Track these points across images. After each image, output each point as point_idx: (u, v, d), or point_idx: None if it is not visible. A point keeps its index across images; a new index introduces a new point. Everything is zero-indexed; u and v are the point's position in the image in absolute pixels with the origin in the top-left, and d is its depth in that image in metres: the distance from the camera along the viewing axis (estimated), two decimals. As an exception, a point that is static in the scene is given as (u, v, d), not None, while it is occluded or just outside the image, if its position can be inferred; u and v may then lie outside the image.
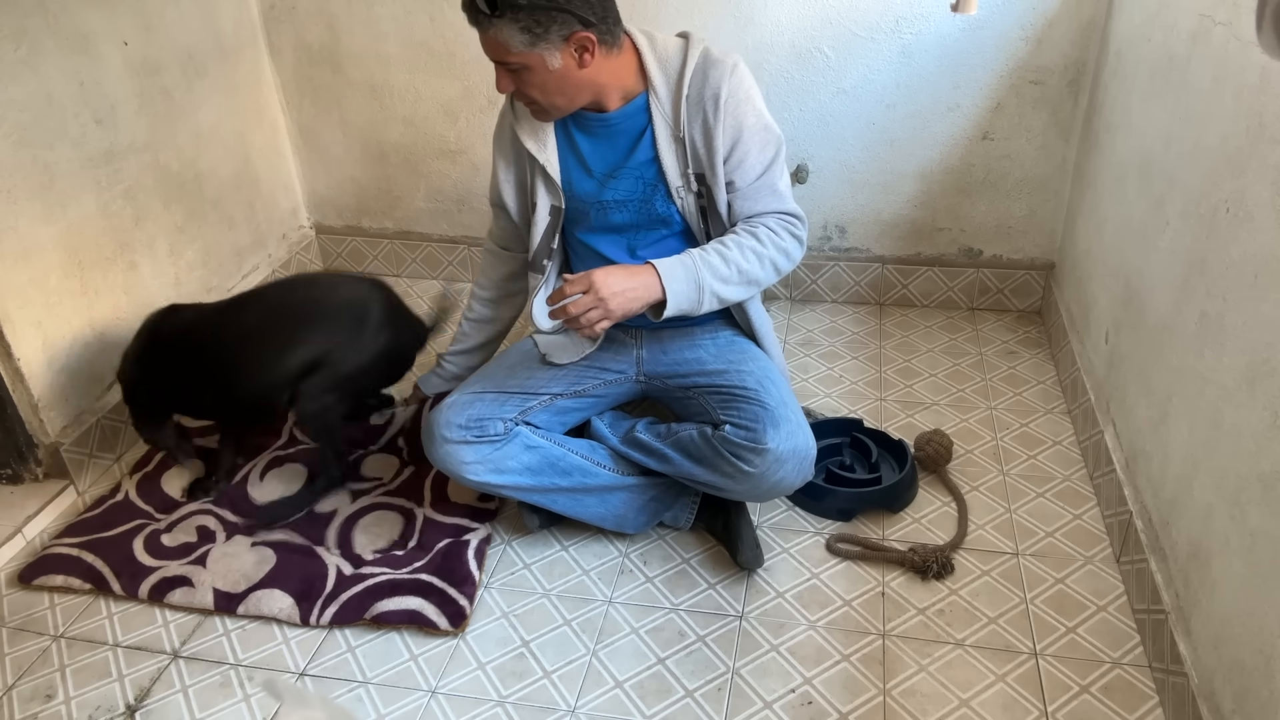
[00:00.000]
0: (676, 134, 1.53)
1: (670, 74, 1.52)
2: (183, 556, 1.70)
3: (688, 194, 1.56)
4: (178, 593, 1.63)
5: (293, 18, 2.44)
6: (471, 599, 1.60)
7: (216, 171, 2.33)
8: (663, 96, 1.52)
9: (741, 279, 1.52)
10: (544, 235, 1.65)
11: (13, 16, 1.73)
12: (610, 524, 1.69)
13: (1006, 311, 2.46)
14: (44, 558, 1.72)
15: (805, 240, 1.59)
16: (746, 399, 1.55)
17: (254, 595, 1.61)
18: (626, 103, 1.53)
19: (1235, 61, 1.31)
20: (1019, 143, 2.26)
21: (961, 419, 2.03)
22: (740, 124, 1.51)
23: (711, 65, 1.51)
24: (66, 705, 1.47)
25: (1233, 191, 1.28)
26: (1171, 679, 1.35)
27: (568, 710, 1.43)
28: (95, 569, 1.68)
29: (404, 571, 1.65)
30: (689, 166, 1.54)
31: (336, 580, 1.64)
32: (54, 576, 1.68)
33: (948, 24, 2.14)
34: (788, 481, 1.51)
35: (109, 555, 1.71)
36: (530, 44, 1.39)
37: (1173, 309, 1.48)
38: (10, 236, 1.76)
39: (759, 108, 1.54)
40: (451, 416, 1.58)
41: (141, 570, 1.67)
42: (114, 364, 1.83)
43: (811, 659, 1.49)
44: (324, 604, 1.60)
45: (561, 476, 1.62)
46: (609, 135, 1.56)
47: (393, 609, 1.57)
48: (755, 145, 1.52)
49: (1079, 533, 1.70)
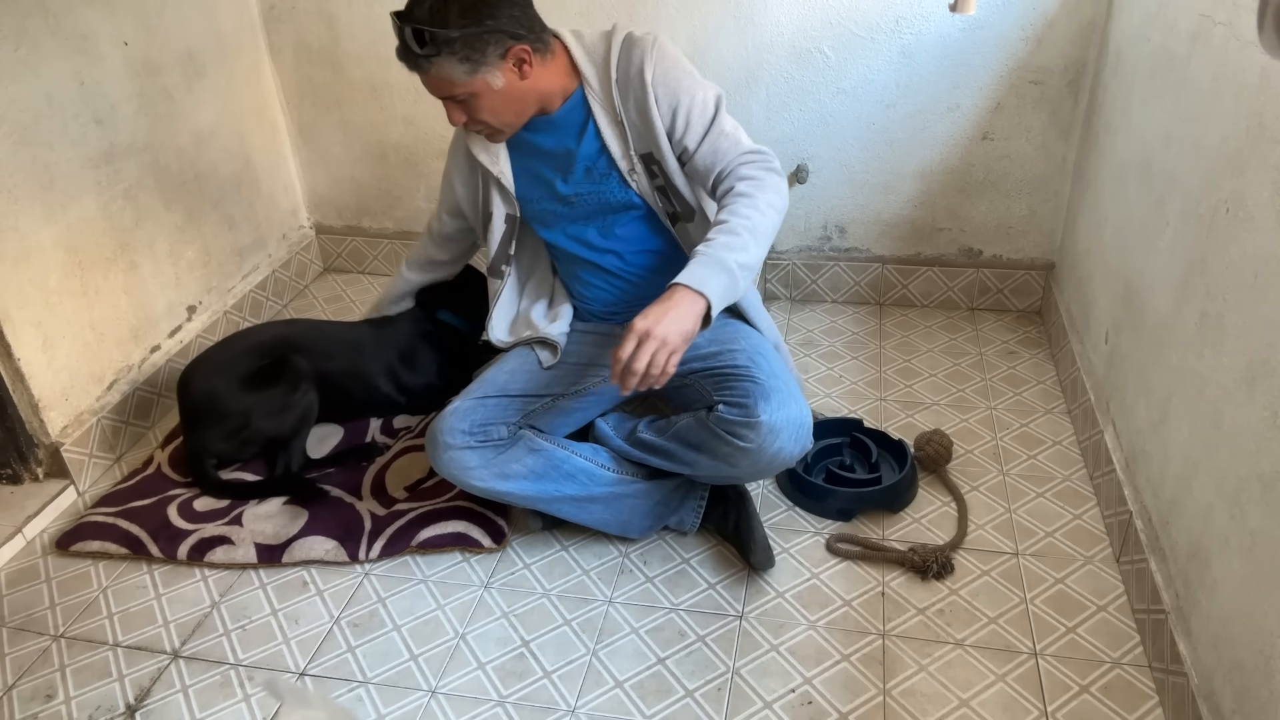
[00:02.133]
0: (615, 117, 1.55)
1: (598, 63, 1.55)
2: (219, 519, 1.78)
3: (639, 175, 1.58)
4: (218, 550, 1.71)
5: (293, 18, 2.44)
6: (507, 518, 1.76)
7: (216, 171, 2.33)
8: (595, 86, 1.55)
9: (754, 237, 1.45)
10: (501, 242, 1.70)
11: (13, 16, 1.73)
12: (615, 529, 1.69)
13: (1006, 311, 2.46)
14: (81, 524, 1.79)
15: (781, 169, 1.55)
16: (738, 377, 1.55)
17: (296, 544, 1.70)
18: (556, 102, 1.56)
19: (1235, 61, 1.31)
20: (1019, 143, 2.26)
21: (961, 419, 2.03)
22: (673, 89, 1.52)
23: (633, 45, 1.54)
24: (66, 705, 1.47)
25: (1233, 191, 1.28)
26: (1171, 679, 1.35)
27: (568, 710, 1.43)
28: (132, 534, 1.75)
29: (440, 501, 1.78)
30: (631, 148, 1.56)
31: (374, 521, 1.75)
32: (91, 543, 1.75)
33: (948, 24, 2.14)
34: (786, 452, 1.49)
35: (145, 521, 1.78)
36: (472, 71, 1.42)
37: (1173, 309, 1.48)
38: (10, 236, 1.76)
39: (687, 68, 1.54)
40: (455, 422, 1.58)
41: (179, 533, 1.74)
42: (114, 364, 1.83)
43: (811, 659, 1.49)
44: (369, 540, 1.71)
45: (565, 480, 1.62)
46: (555, 133, 1.59)
47: (439, 534, 1.71)
48: (696, 104, 1.52)
49: (1079, 533, 1.70)
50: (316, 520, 1.76)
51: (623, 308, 1.73)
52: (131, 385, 2.07)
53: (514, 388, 1.65)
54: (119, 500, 1.86)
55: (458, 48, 1.39)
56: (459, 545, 1.71)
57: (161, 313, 2.18)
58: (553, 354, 1.70)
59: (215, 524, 1.76)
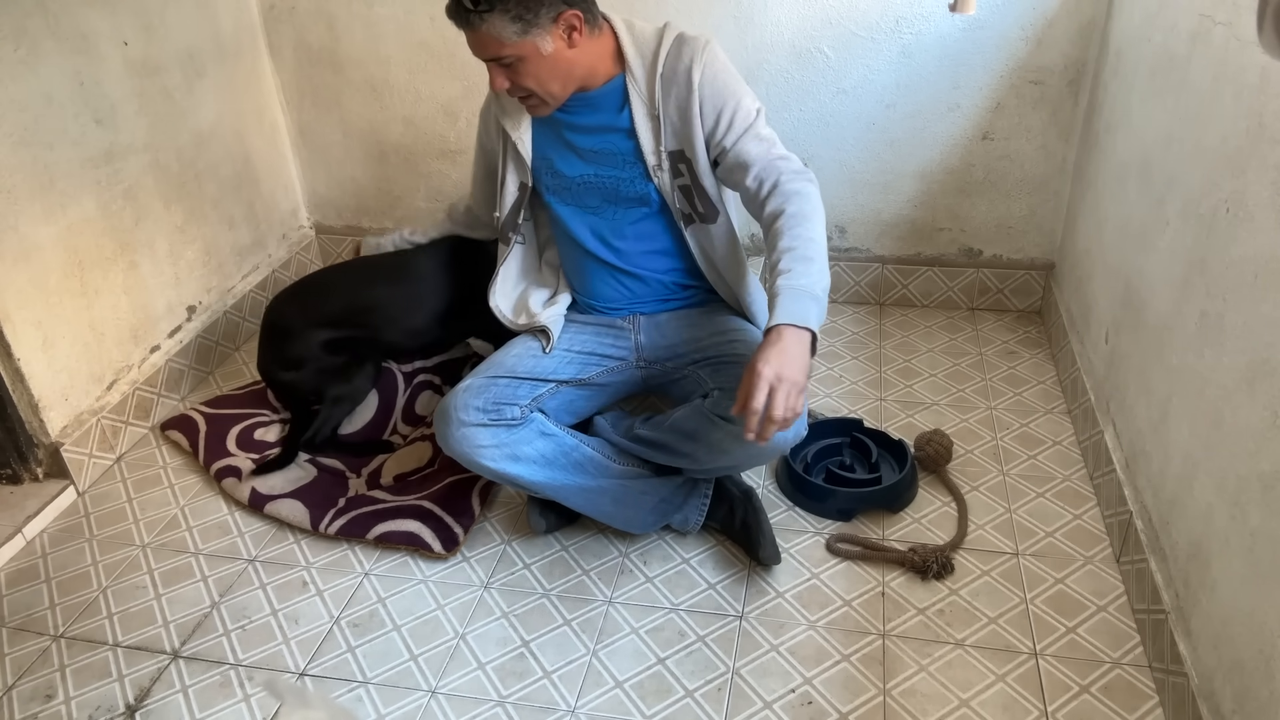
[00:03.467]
0: (652, 111, 1.55)
1: (646, 54, 1.56)
2: (254, 452, 1.94)
3: (663, 172, 1.58)
4: (229, 480, 1.88)
5: (293, 18, 2.44)
6: (467, 529, 1.75)
7: (216, 171, 2.33)
8: (639, 76, 1.55)
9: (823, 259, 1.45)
10: (511, 210, 1.71)
11: (13, 16, 1.73)
12: (619, 522, 1.69)
13: (1006, 311, 2.46)
14: (181, 415, 2.07)
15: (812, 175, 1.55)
16: (736, 363, 1.56)
17: (278, 501, 1.81)
18: (598, 81, 1.56)
19: (1235, 61, 1.31)
20: (1019, 143, 2.26)
21: (961, 419, 2.03)
22: (719, 92, 1.53)
23: (684, 43, 1.55)
24: (66, 705, 1.47)
25: (1233, 191, 1.28)
26: (1171, 679, 1.35)
27: (568, 710, 1.43)
28: (197, 440, 1.98)
29: (410, 498, 1.81)
30: (663, 144, 1.56)
31: (350, 499, 1.83)
32: (175, 431, 2.04)
33: (948, 24, 2.14)
34: (781, 438, 1.48)
35: (211, 430, 2.00)
36: (523, 32, 1.41)
37: (1173, 309, 1.48)
38: (10, 236, 1.76)
39: (735, 74, 1.56)
40: (469, 399, 1.57)
41: (221, 453, 1.94)
42: (114, 364, 1.84)
43: (811, 659, 1.49)
44: (334, 517, 1.77)
45: (574, 469, 1.62)
46: (589, 112, 1.59)
47: (394, 530, 1.73)
48: (740, 109, 1.53)
49: (1079, 533, 1.70)
50: (311, 485, 1.86)
51: (624, 303, 1.73)
52: (131, 385, 2.07)
53: (522, 370, 1.65)
54: (220, 404, 2.10)
55: (511, 5, 1.39)
56: (410, 545, 1.72)
57: (161, 313, 2.18)
58: (547, 341, 1.70)
59: (244, 455, 1.92)
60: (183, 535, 1.81)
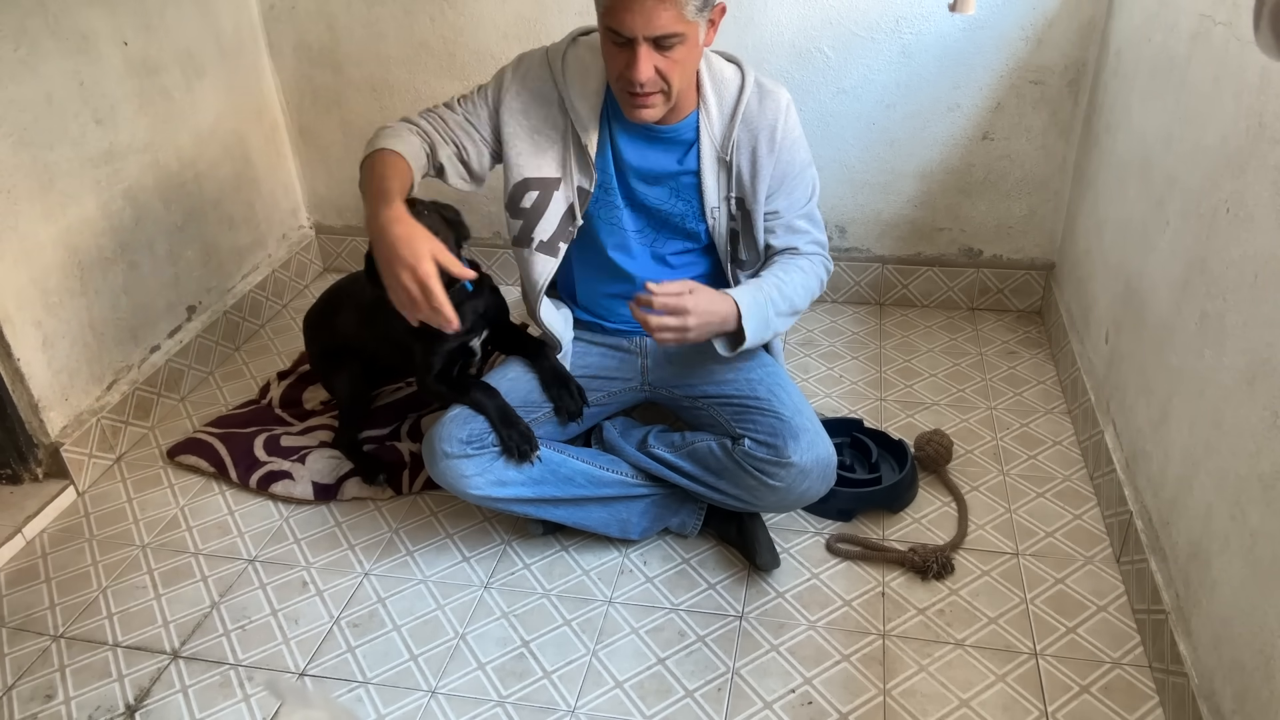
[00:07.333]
0: (722, 156, 1.52)
1: (725, 97, 1.51)
2: (290, 455, 1.95)
3: (721, 215, 1.56)
4: (280, 484, 1.88)
5: (293, 18, 2.44)
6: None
7: (216, 171, 2.33)
8: (714, 117, 1.51)
9: (791, 313, 1.55)
10: (564, 217, 1.57)
11: (13, 16, 1.73)
12: (615, 531, 1.68)
13: (1006, 311, 2.46)
14: (189, 439, 2.02)
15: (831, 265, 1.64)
16: (760, 410, 1.55)
17: (347, 483, 1.88)
18: (680, 115, 1.50)
19: (1235, 61, 1.31)
20: (1019, 143, 2.26)
21: (961, 419, 2.03)
22: (792, 161, 1.53)
23: (765, 95, 1.51)
24: (66, 705, 1.47)
25: (1233, 191, 1.28)
26: (1171, 679, 1.35)
27: (568, 710, 1.43)
28: (220, 456, 1.95)
29: None
30: (730, 190, 1.54)
31: (413, 459, 1.91)
32: (189, 456, 1.98)
33: (948, 24, 2.14)
34: (813, 491, 1.52)
35: (235, 447, 1.97)
36: (699, 10, 1.33)
37: (1173, 309, 1.48)
38: (10, 236, 1.76)
39: (806, 145, 1.57)
40: (453, 430, 1.54)
41: (255, 464, 1.93)
42: (114, 364, 1.83)
43: (811, 659, 1.49)
44: (412, 477, 1.89)
45: (563, 484, 1.60)
46: (654, 143, 1.54)
47: None
48: (803, 183, 1.56)
49: (1079, 533, 1.70)
50: None
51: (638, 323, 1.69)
52: (131, 385, 2.07)
53: (514, 397, 1.61)
54: (225, 424, 2.07)
55: None
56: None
57: (161, 313, 2.18)
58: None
59: (288, 459, 1.93)
60: (182, 535, 1.81)
